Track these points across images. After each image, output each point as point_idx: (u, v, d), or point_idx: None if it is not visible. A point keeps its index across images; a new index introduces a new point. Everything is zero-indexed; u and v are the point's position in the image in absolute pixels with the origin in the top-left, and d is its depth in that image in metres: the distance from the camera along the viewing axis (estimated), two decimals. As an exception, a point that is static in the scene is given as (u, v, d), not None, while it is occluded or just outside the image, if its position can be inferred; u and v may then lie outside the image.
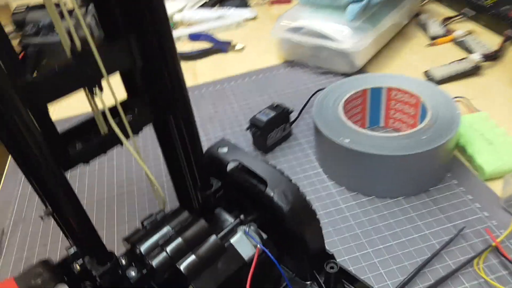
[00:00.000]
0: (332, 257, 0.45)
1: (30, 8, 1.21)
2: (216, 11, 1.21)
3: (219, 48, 1.04)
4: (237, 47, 1.04)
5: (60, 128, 0.35)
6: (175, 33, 1.14)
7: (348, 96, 0.65)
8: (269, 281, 0.42)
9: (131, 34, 0.35)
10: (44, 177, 0.31)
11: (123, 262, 0.39)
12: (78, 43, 0.32)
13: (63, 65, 0.32)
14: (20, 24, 1.13)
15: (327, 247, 0.53)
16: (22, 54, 1.13)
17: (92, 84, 0.34)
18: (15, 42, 1.19)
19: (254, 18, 1.19)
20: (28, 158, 0.31)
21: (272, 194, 0.42)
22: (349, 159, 0.58)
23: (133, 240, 0.38)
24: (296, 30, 0.89)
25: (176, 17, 1.22)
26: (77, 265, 0.40)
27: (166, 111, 0.39)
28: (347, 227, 0.55)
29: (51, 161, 0.31)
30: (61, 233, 0.40)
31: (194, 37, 1.11)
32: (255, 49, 1.03)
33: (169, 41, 0.35)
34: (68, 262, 0.40)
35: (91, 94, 0.34)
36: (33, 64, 0.98)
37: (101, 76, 0.33)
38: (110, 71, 0.34)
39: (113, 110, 0.37)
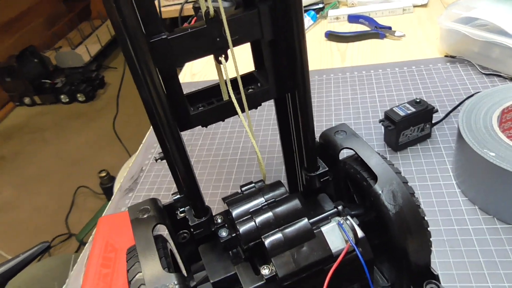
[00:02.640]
0: (436, 278, 0.39)
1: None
2: (384, -6, 1.14)
3: (376, 32, 0.98)
4: (396, 34, 0.97)
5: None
6: (335, 12, 1.12)
7: (508, 104, 0.55)
8: (356, 283, 0.39)
9: (262, 4, 0.34)
10: (162, 131, 0.34)
11: (219, 220, 0.41)
12: (211, 8, 0.33)
13: (196, 28, 0.33)
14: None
15: (437, 266, 0.47)
16: (194, 18, 1.24)
17: (219, 51, 0.34)
18: (189, 5, 1.31)
19: (424, 5, 1.09)
20: (152, 112, 0.34)
21: (380, 191, 0.38)
22: (491, 176, 0.50)
23: (229, 202, 0.39)
24: (468, 21, 0.79)
25: (341, -4, 1.19)
26: (179, 212, 0.43)
27: (286, 87, 0.38)
28: (468, 251, 0.48)
29: (170, 118, 0.33)
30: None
31: (353, 18, 1.07)
32: (416, 38, 0.94)
33: (298, 14, 0.34)
34: (174, 207, 0.43)
35: (217, 62, 0.35)
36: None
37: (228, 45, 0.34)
38: (238, 40, 0.35)
39: (243, 79, 0.38)
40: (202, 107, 0.38)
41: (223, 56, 0.35)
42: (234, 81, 0.37)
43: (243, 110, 0.38)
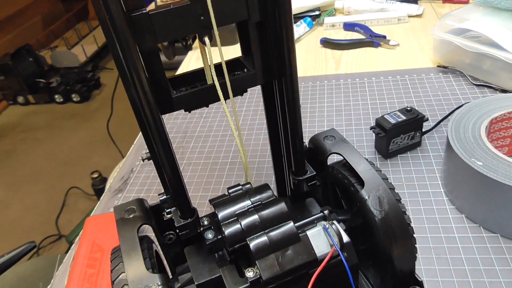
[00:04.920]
0: (420, 284, 0.39)
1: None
2: (380, 3, 1.15)
3: (371, 41, 0.99)
4: (391, 43, 0.97)
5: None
6: (331, 20, 1.13)
7: (497, 115, 0.56)
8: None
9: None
10: (142, 113, 0.33)
11: (205, 222, 0.40)
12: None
13: (178, 4, 0.32)
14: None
15: (423, 273, 0.47)
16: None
17: (203, 31, 0.33)
18: None
19: (419, 15, 1.10)
20: (131, 91, 0.33)
21: (366, 197, 0.38)
22: (478, 186, 0.50)
23: (215, 204, 0.39)
24: (461, 32, 0.79)
25: (338, 4, 1.19)
26: (166, 213, 0.43)
27: (273, 73, 0.38)
28: (454, 259, 0.48)
29: (150, 97, 0.32)
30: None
31: (348, 26, 1.08)
32: (410, 48, 0.95)
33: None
34: (161, 208, 0.43)
35: (202, 43, 0.34)
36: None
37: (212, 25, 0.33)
38: (223, 20, 0.34)
39: (229, 64, 0.37)
40: (184, 90, 0.37)
41: (207, 36, 0.34)
42: (220, 67, 0.36)
43: (228, 96, 0.37)
